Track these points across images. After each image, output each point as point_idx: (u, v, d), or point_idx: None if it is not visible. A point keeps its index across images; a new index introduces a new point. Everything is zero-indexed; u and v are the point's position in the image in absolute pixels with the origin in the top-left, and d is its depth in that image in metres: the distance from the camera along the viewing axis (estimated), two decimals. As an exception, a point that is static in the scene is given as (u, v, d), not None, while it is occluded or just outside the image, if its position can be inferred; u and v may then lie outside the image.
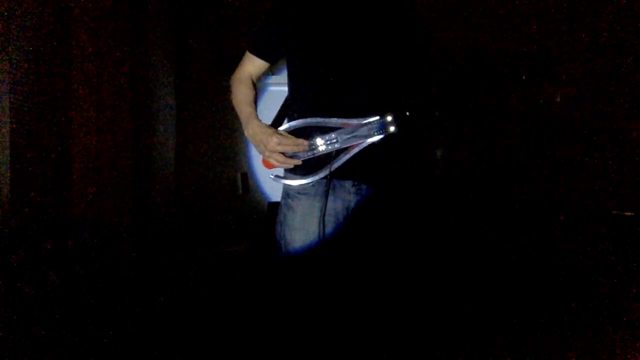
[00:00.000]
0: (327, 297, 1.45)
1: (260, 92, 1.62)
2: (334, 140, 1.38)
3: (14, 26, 2.54)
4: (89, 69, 3.32)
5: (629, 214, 3.03)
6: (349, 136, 1.38)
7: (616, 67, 3.23)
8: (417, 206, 3.32)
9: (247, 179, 5.35)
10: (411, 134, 1.40)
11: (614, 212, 3.08)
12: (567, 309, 2.55)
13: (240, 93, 1.53)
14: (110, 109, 3.53)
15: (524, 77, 3.44)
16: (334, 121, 1.38)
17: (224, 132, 5.25)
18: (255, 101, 1.52)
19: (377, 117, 1.38)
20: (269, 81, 4.91)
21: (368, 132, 1.38)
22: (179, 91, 5.27)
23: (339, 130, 1.39)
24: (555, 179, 3.51)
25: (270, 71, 3.89)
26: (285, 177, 1.45)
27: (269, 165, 1.46)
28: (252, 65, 1.55)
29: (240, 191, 5.35)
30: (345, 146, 1.39)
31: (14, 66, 2.55)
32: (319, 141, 1.39)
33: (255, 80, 1.56)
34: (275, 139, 1.37)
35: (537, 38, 3.57)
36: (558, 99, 3.39)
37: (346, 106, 1.40)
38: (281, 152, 1.39)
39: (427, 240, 3.29)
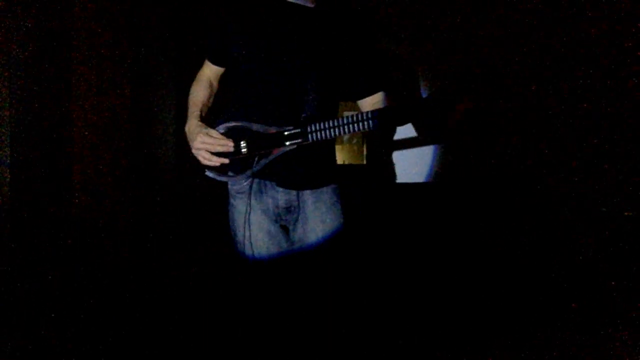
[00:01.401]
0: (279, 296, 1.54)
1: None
2: (256, 145, 1.48)
3: (14, 26, 2.54)
4: (89, 69, 3.32)
5: (629, 214, 3.03)
6: (269, 142, 1.47)
7: (616, 67, 3.23)
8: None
9: (210, 167, 5.34)
10: (325, 143, 1.48)
11: (616, 212, 3.08)
12: (567, 309, 2.55)
13: (193, 92, 1.69)
14: (110, 109, 3.53)
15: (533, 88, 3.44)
16: (256, 127, 1.48)
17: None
18: (210, 101, 1.65)
19: (292, 128, 1.47)
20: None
21: (286, 140, 1.46)
22: (179, 91, 5.27)
23: (261, 135, 1.48)
24: (555, 179, 3.51)
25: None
26: (218, 174, 1.57)
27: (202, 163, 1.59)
28: (209, 68, 1.70)
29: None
30: (265, 151, 1.47)
31: (14, 66, 2.55)
32: (242, 144, 1.49)
33: (214, 81, 1.69)
34: (199, 138, 1.50)
35: (536, 38, 3.57)
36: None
37: (267, 113, 1.49)
38: (207, 150, 1.49)
39: (415, 240, 3.29)
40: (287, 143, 1.41)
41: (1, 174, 2.48)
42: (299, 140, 1.40)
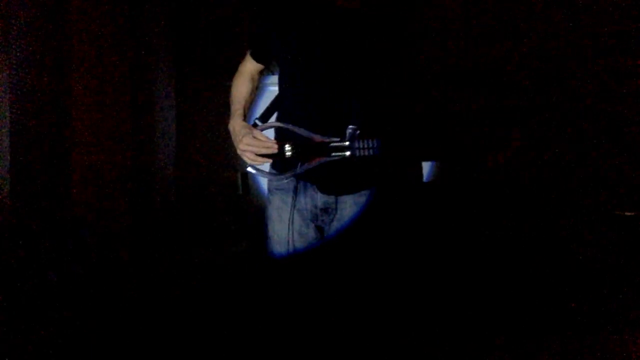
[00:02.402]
0: (310, 291, 1.54)
1: (260, 92, 1.72)
2: (299, 150, 1.47)
3: (14, 26, 2.54)
4: (89, 69, 3.32)
5: (630, 214, 3.03)
6: (310, 150, 1.46)
7: (616, 66, 3.23)
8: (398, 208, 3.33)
9: (247, 179, 5.36)
10: (368, 158, 1.48)
11: (616, 212, 3.08)
12: (567, 309, 2.55)
13: (236, 88, 1.67)
14: (110, 109, 3.53)
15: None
16: (301, 131, 1.47)
17: (224, 132, 5.22)
18: (252, 96, 1.63)
19: (337, 140, 1.46)
20: (268, 81, 4.91)
21: (327, 151, 1.46)
22: (179, 91, 5.27)
23: (305, 142, 1.47)
24: (555, 179, 3.51)
25: (270, 71, 3.89)
26: (260, 171, 1.56)
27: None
28: (251, 63, 1.67)
29: (240, 191, 5.35)
30: (307, 158, 1.47)
31: (14, 66, 2.55)
32: (287, 147, 1.49)
33: (255, 76, 1.67)
34: (246, 140, 1.50)
35: (536, 38, 3.57)
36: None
37: (312, 119, 1.48)
38: (253, 152, 1.49)
39: (415, 240, 3.30)
40: (333, 154, 1.41)
41: (1, 174, 2.48)
42: (345, 154, 1.40)
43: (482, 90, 3.75)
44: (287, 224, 1.55)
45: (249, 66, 1.68)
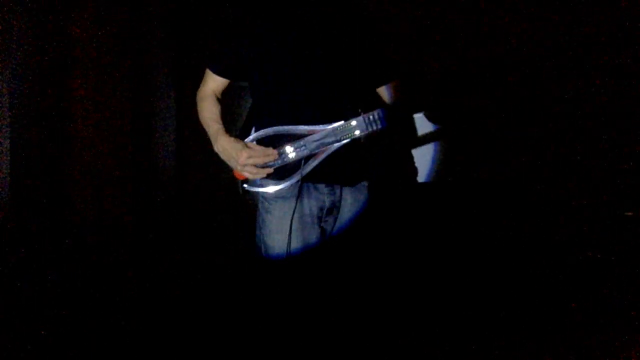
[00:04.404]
0: (311, 297, 1.50)
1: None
2: (303, 147, 1.42)
3: (14, 26, 2.54)
4: (89, 69, 3.31)
5: (629, 214, 3.03)
6: (317, 142, 1.42)
7: (616, 66, 3.23)
8: (405, 205, 3.33)
9: (247, 179, 5.35)
10: (379, 136, 1.43)
11: (616, 212, 3.08)
12: (567, 309, 2.55)
13: (205, 110, 1.59)
14: (110, 109, 3.53)
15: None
16: (301, 128, 1.43)
17: (224, 132, 5.22)
18: (221, 115, 1.57)
19: (342, 122, 1.41)
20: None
21: (334, 137, 1.41)
22: (179, 91, 5.27)
23: (307, 137, 1.43)
24: (555, 179, 3.51)
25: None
26: (260, 185, 1.50)
27: (240, 176, 1.51)
28: (214, 81, 1.59)
29: (241, 191, 5.34)
30: (314, 152, 1.42)
31: (14, 66, 2.55)
32: (289, 149, 1.43)
33: (219, 95, 1.60)
34: (245, 153, 1.43)
35: (536, 38, 3.57)
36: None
37: (311, 113, 1.44)
38: (254, 164, 1.43)
39: (415, 240, 3.29)
40: (341, 138, 1.35)
41: (1, 174, 2.48)
42: (354, 133, 1.35)
43: (481, 89, 3.75)
44: (287, 234, 1.48)
45: (212, 85, 1.58)
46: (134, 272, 3.36)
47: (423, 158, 4.05)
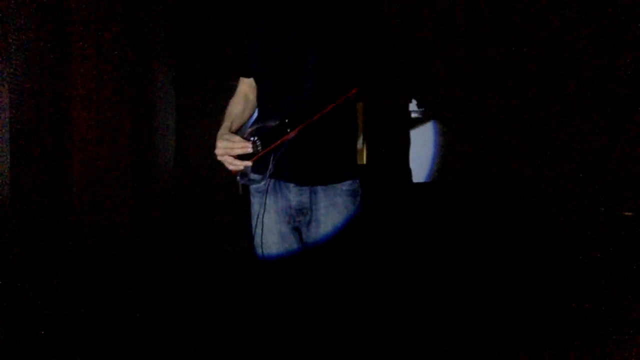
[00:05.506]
0: (303, 296, 1.53)
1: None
2: (266, 139, 1.47)
3: (14, 26, 2.54)
4: (89, 69, 3.32)
5: (629, 214, 3.03)
6: (274, 133, 1.46)
7: (616, 66, 3.23)
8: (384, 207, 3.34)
9: (242, 173, 5.35)
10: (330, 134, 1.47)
11: (616, 212, 3.08)
12: (567, 309, 2.55)
13: (229, 107, 1.69)
14: (110, 109, 3.53)
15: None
16: (270, 122, 1.47)
17: (224, 132, 5.23)
18: (246, 114, 1.65)
19: (278, 121, 1.47)
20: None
21: (287, 127, 1.46)
22: (179, 91, 5.27)
23: (270, 128, 1.47)
24: (555, 179, 3.51)
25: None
26: (251, 180, 1.55)
27: (234, 171, 1.56)
28: (244, 83, 1.69)
29: (241, 191, 5.35)
30: (275, 143, 1.46)
31: (14, 66, 2.55)
32: (258, 142, 1.47)
33: (251, 95, 1.68)
34: (219, 143, 1.48)
35: (537, 37, 3.57)
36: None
37: (279, 106, 1.49)
38: (229, 155, 1.47)
39: (415, 240, 3.30)
40: (288, 130, 1.40)
41: (1, 174, 2.48)
42: (295, 124, 1.38)
43: (482, 89, 3.75)
44: (262, 227, 1.54)
45: (243, 88, 1.69)
46: (134, 272, 3.37)
47: (423, 158, 4.06)
